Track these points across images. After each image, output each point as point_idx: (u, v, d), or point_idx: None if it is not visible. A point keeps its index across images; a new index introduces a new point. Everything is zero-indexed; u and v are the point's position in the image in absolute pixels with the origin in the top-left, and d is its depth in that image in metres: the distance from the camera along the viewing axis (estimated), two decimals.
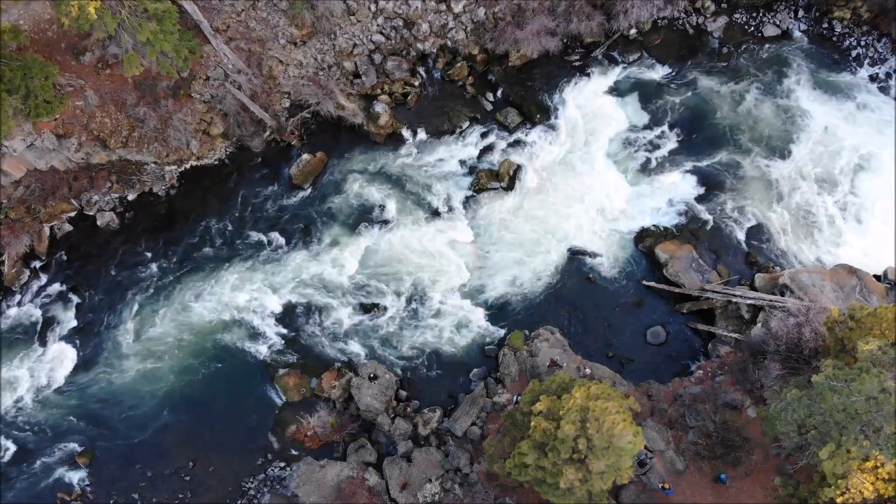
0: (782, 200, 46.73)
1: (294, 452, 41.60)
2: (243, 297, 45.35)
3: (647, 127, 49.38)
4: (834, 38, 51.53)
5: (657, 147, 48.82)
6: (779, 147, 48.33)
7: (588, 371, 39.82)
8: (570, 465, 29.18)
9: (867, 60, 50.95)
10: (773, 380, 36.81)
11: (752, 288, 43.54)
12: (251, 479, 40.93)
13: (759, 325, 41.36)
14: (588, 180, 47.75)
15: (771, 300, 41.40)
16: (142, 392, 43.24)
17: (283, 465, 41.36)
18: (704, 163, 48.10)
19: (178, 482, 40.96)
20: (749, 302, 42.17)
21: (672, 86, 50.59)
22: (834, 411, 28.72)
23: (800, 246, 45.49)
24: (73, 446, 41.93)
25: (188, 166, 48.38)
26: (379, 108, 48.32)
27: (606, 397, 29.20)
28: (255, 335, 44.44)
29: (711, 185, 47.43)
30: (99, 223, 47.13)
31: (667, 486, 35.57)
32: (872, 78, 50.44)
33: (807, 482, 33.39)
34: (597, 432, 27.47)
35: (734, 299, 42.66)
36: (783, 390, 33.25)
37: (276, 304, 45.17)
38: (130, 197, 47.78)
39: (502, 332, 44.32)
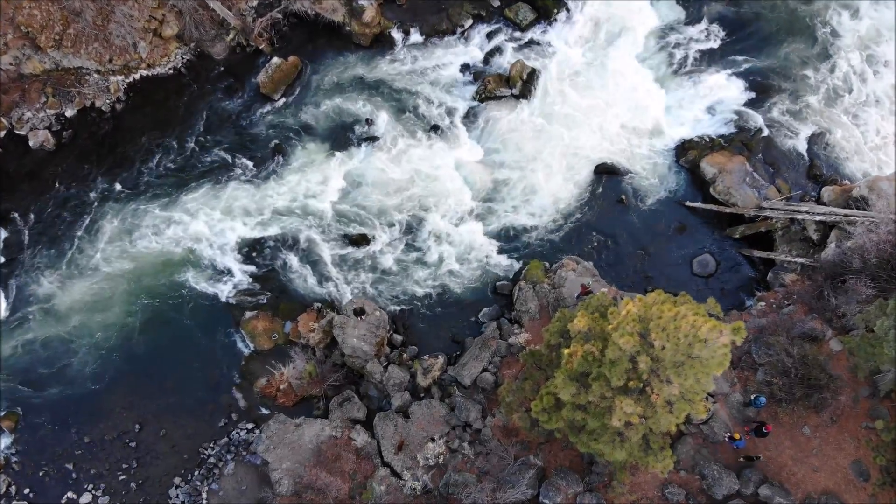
0: (850, 104, 39.13)
1: (264, 411, 33.88)
2: (202, 229, 37.43)
3: (685, 24, 41.59)
4: None
5: (697, 47, 41.03)
6: (846, 44, 40.69)
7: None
8: (624, 396, 21.46)
9: None
10: (858, 304, 29.54)
11: (820, 203, 36.05)
12: (211, 445, 33.20)
13: (831, 245, 33.96)
14: (616, 86, 39.93)
15: (848, 214, 33.85)
16: (79, 343, 35.35)
17: (250, 426, 33.63)
18: (754, 63, 40.36)
19: (122, 449, 33.19)
20: (819, 218, 34.60)
21: None
22: None
23: (869, 155, 37.99)
24: None
25: (137, 76, 40.35)
26: (363, 0, 40.39)
27: (672, 302, 21.44)
28: (216, 273, 36.60)
29: (764, 88, 39.75)
30: (31, 144, 39.17)
31: (736, 436, 27.79)
32: None
33: None
34: (667, 341, 19.62)
35: (800, 216, 35.08)
36: (887, 303, 25.92)
37: (241, 236, 37.28)
38: (69, 113, 39.74)
39: (517, 265, 36.67)
